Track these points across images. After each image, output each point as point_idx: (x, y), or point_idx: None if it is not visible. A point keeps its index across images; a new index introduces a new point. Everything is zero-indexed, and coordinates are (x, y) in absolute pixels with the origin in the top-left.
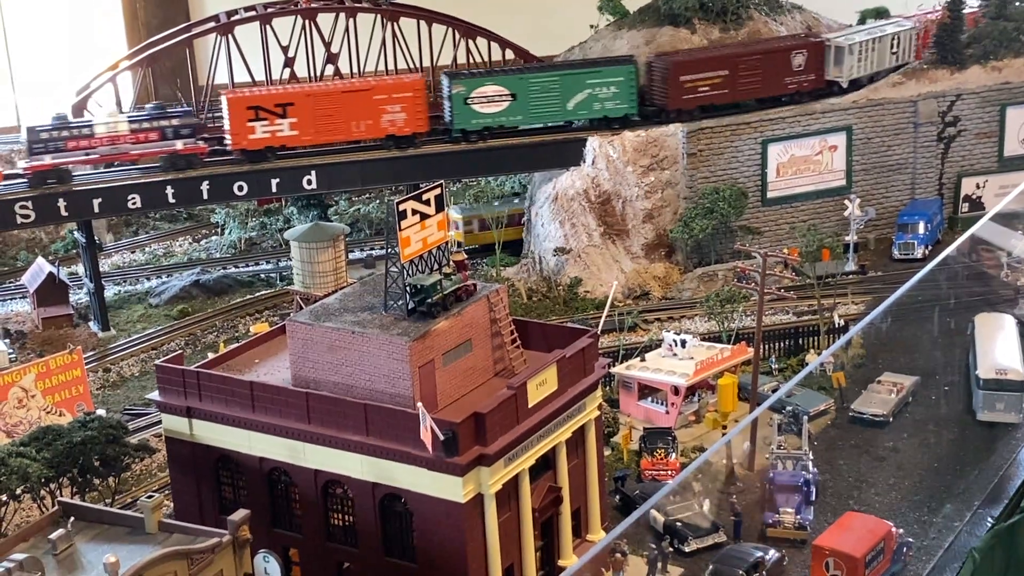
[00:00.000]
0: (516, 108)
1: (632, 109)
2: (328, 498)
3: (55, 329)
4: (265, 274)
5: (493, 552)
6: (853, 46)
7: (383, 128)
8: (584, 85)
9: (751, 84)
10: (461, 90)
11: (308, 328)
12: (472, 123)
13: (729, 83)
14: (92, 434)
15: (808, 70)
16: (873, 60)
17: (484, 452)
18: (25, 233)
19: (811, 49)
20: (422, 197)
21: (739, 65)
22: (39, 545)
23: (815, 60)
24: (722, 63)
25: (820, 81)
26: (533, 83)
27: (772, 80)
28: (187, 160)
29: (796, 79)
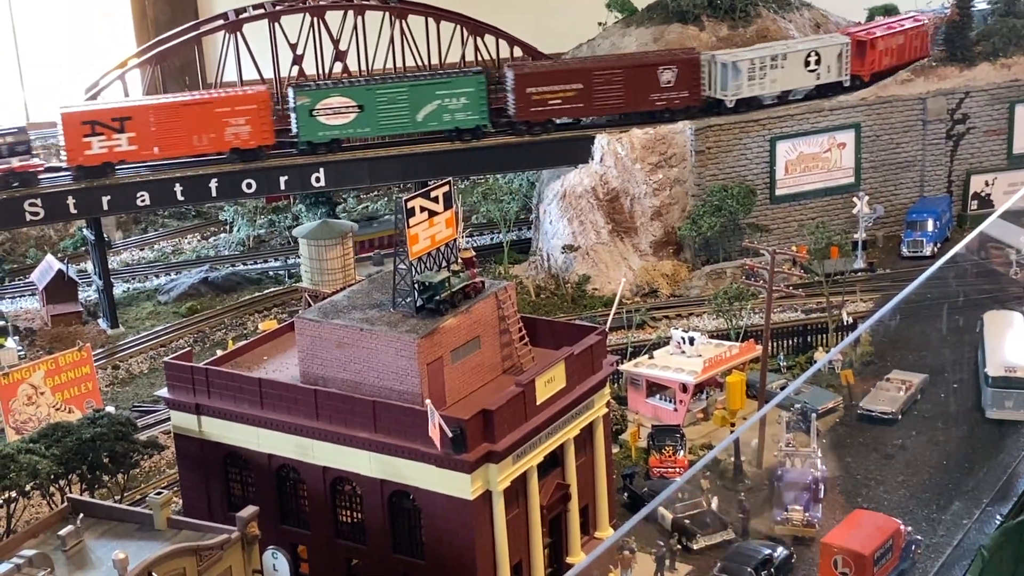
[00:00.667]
0: (363, 120)
1: (483, 120)
2: (336, 495)
3: (64, 326)
4: (273, 272)
5: (501, 549)
6: (741, 63)
7: (227, 141)
8: (433, 96)
9: (610, 99)
10: (306, 102)
11: (317, 325)
12: (319, 135)
13: (584, 97)
14: (101, 431)
15: (679, 86)
16: (776, 78)
17: (492, 449)
18: (34, 230)
19: (681, 65)
20: (430, 194)
21: (595, 79)
22: (48, 541)
23: (687, 76)
24: (575, 76)
25: (695, 98)
26: (381, 94)
27: (636, 95)
28: (23, 178)
29: (665, 95)
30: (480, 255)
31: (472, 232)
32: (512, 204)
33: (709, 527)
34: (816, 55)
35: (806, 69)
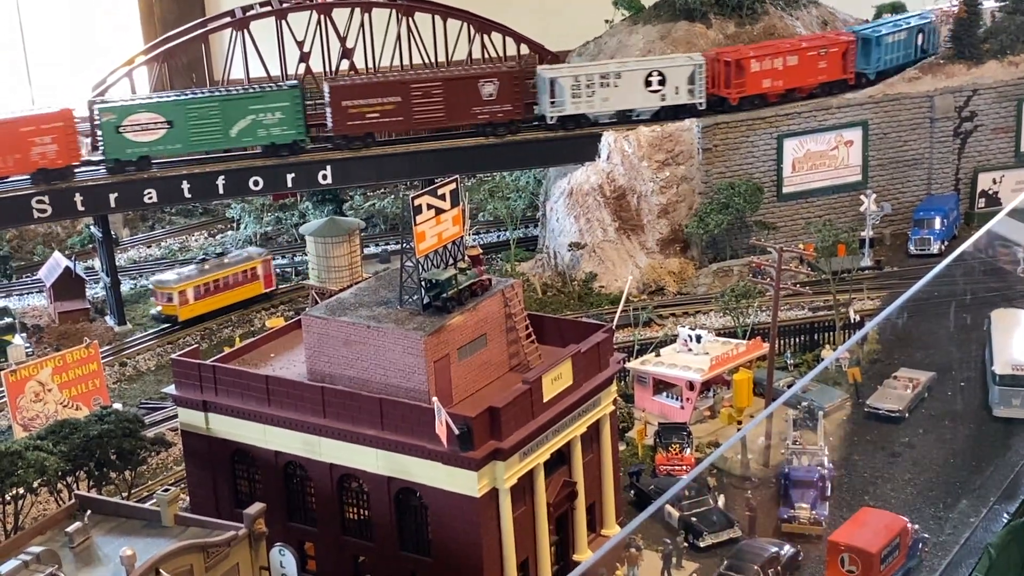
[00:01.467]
0: (174, 136)
1: (300, 134)
2: (343, 492)
3: (71, 323)
4: (280, 269)
5: (508, 546)
6: (563, 80)
7: (33, 162)
8: (247, 111)
9: (431, 112)
10: (111, 118)
11: (324, 322)
12: (127, 152)
13: (403, 110)
14: (109, 428)
15: (501, 100)
16: (608, 97)
17: (499, 446)
18: (42, 228)
19: (503, 79)
20: (437, 192)
21: (413, 92)
22: (56, 538)
23: (509, 90)
24: (393, 90)
25: (519, 112)
26: (192, 110)
27: (457, 109)
28: None
29: (487, 109)
30: (486, 253)
31: (479, 230)
32: (519, 202)
33: (716, 525)
34: (660, 75)
35: (647, 89)
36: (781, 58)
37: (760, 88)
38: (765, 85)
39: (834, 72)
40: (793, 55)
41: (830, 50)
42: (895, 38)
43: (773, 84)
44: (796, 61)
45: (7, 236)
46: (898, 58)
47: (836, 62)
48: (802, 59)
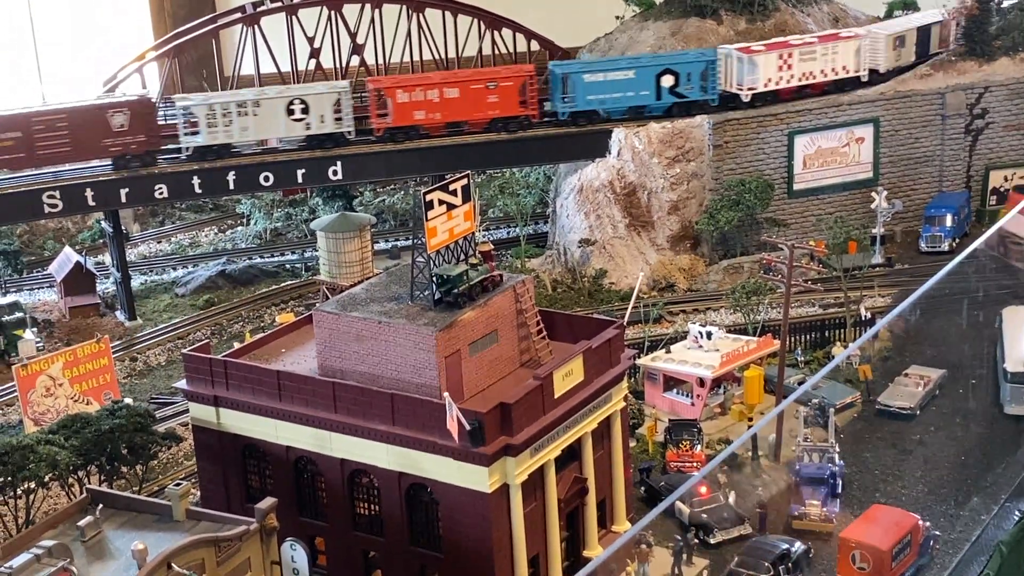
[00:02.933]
0: None
1: None
2: (354, 487)
3: (82, 318)
4: (290, 264)
5: (519, 542)
6: (198, 109)
7: None
8: None
9: (56, 146)
10: None
11: (335, 318)
12: None
13: (25, 145)
14: (120, 422)
15: (134, 131)
16: (248, 126)
17: (510, 442)
18: (52, 222)
19: (134, 108)
20: (448, 187)
21: (35, 126)
22: (67, 532)
23: (141, 121)
24: (11, 125)
25: (152, 143)
26: None
27: (85, 142)
28: None
29: (119, 141)
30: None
31: (488, 226)
32: (529, 198)
33: (726, 522)
34: (303, 103)
35: (290, 118)
36: (436, 90)
37: (411, 120)
38: (417, 117)
39: (508, 107)
40: (453, 87)
41: (502, 84)
42: (609, 76)
43: (428, 117)
44: (457, 94)
45: (17, 231)
46: (620, 99)
47: (511, 97)
48: (465, 92)
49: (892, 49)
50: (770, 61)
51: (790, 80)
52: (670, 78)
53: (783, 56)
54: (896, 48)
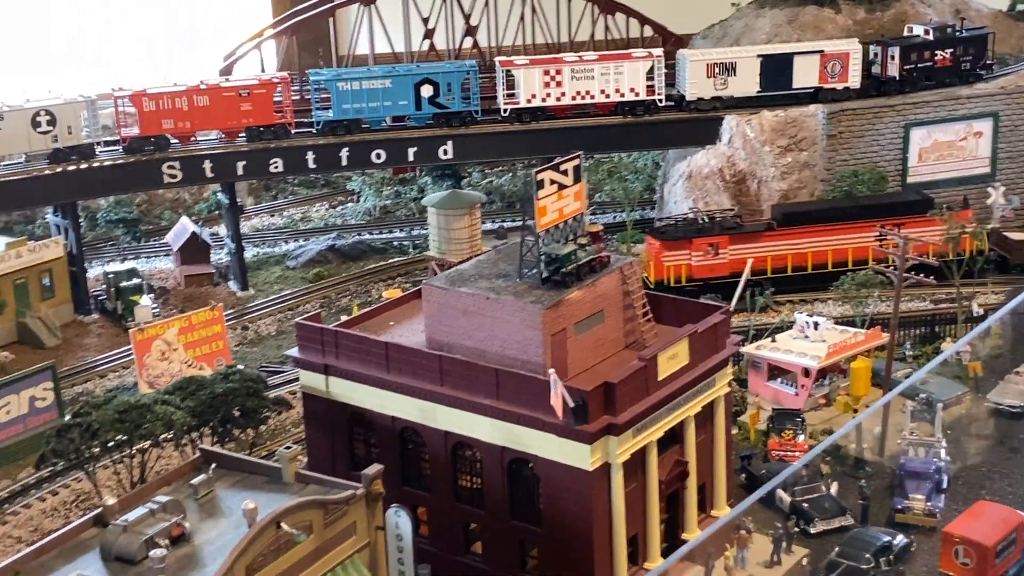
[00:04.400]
0: None
1: None
2: (457, 459)
3: (196, 287)
4: (398, 242)
5: (618, 521)
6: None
7: None
8: None
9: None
10: None
11: (443, 292)
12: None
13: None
14: (233, 386)
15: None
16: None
17: (613, 421)
18: (170, 193)
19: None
20: (560, 167)
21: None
22: (181, 490)
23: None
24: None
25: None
26: None
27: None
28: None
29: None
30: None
31: (595, 210)
32: (636, 183)
33: (828, 512)
34: (49, 115)
35: (36, 131)
36: (186, 98)
37: (160, 129)
38: (166, 126)
39: (262, 116)
40: (203, 96)
41: (254, 92)
42: (365, 85)
43: (178, 126)
44: (207, 102)
45: (137, 200)
46: (378, 109)
47: (264, 105)
48: (216, 100)
49: (709, 77)
50: (532, 77)
51: (560, 98)
52: (429, 88)
53: (549, 72)
54: (717, 76)
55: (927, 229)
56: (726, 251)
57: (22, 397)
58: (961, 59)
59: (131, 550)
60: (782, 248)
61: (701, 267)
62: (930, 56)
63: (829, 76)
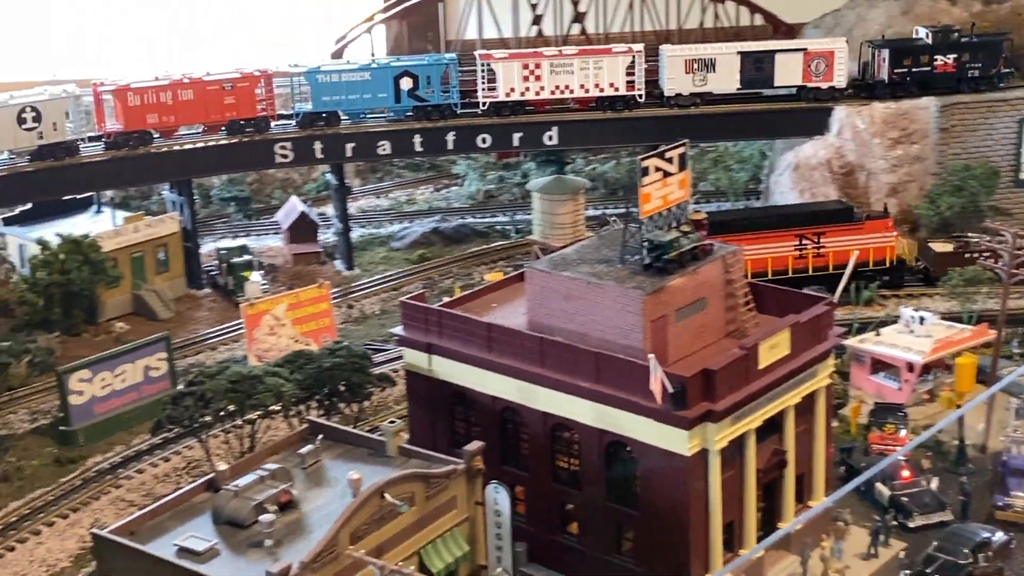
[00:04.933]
0: None
1: None
2: (555, 441)
3: (304, 265)
4: (501, 226)
5: (715, 507)
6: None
7: None
8: None
9: None
10: None
11: (546, 276)
12: None
13: None
14: (340, 361)
15: None
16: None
17: (712, 408)
18: (280, 173)
19: None
20: (665, 155)
21: None
22: (289, 459)
23: None
24: None
25: None
26: None
27: None
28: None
29: None
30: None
31: (699, 199)
32: (742, 173)
33: (927, 507)
34: (35, 111)
35: (21, 127)
36: (170, 92)
37: (144, 124)
38: (150, 121)
39: (246, 109)
40: (188, 90)
41: (238, 85)
42: (344, 78)
43: (162, 120)
44: (191, 96)
45: (248, 179)
46: (357, 101)
47: (247, 99)
48: (200, 94)
49: (688, 73)
50: (511, 70)
51: (539, 92)
52: (409, 81)
53: (528, 67)
54: (695, 72)
55: (848, 238)
56: None
57: (137, 366)
58: (968, 65)
59: (241, 515)
60: None
61: None
62: (928, 61)
63: (813, 75)
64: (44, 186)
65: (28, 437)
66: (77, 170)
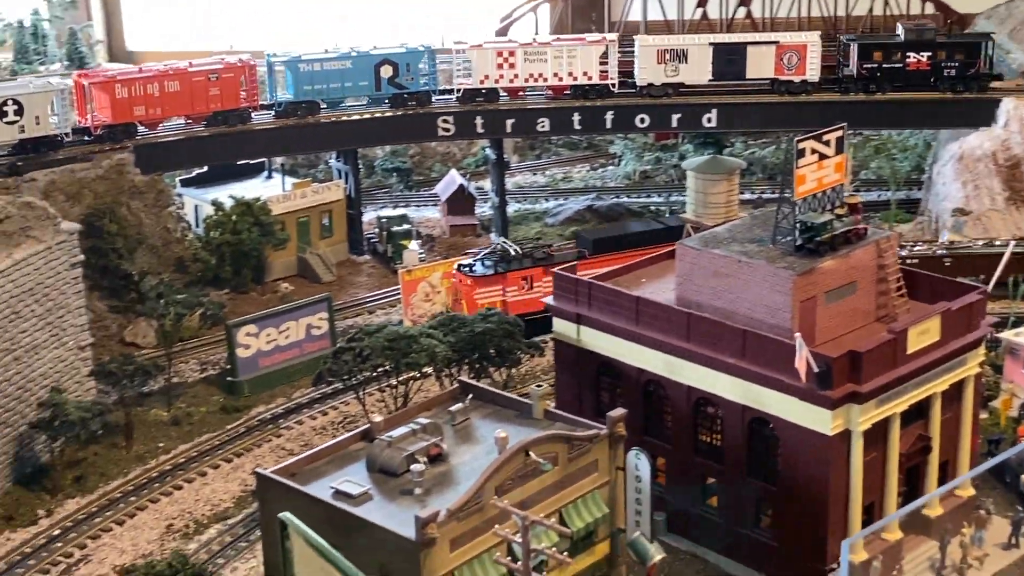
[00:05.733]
0: None
1: None
2: (698, 415)
3: (460, 236)
4: (655, 206)
5: (855, 488)
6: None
7: None
8: None
9: None
10: None
11: (696, 253)
12: None
13: None
14: (491, 327)
15: None
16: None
17: (857, 390)
18: (440, 147)
19: None
20: (822, 138)
21: None
22: (440, 415)
23: None
24: None
25: None
26: None
27: None
28: None
29: None
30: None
31: (859, 187)
32: (904, 162)
33: None
34: (16, 104)
35: (2, 121)
36: (157, 84)
37: (131, 116)
38: (137, 113)
39: (230, 100)
40: (174, 80)
41: (223, 76)
42: (326, 66)
43: (149, 112)
44: (178, 87)
45: (410, 152)
46: (339, 90)
47: (232, 89)
48: (187, 85)
49: (660, 63)
50: (485, 58)
51: (513, 80)
52: (389, 69)
53: (503, 54)
54: (667, 62)
55: None
56: (540, 283)
57: (300, 324)
58: (944, 64)
59: (394, 464)
60: None
61: (517, 302)
62: (900, 58)
63: (785, 68)
64: (218, 151)
65: (198, 385)
66: (251, 136)
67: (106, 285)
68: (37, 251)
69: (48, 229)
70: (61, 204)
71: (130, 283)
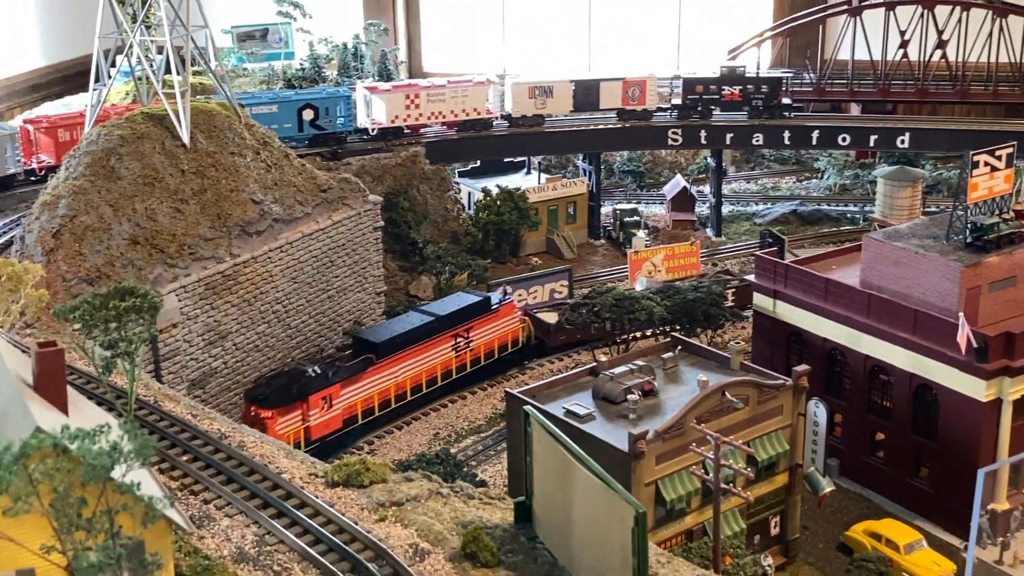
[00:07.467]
0: None
1: None
2: (872, 379)
3: (680, 229)
4: (851, 215)
5: (1003, 449)
6: None
7: None
8: None
9: None
10: None
11: (880, 244)
12: None
13: None
14: (701, 296)
15: None
16: None
17: (1010, 365)
18: (669, 155)
19: None
20: (995, 152)
21: None
22: (654, 361)
23: None
24: None
25: None
26: None
27: None
28: None
29: None
30: None
31: None
32: None
33: None
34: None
35: None
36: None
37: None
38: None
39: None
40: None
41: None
42: (255, 110)
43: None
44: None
45: (644, 158)
46: None
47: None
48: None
49: (531, 98)
50: (395, 100)
51: (419, 118)
52: (310, 112)
53: (410, 96)
54: (537, 97)
55: (494, 324)
56: (339, 400)
57: (545, 288)
58: (752, 96)
59: (614, 394)
60: (385, 380)
61: (319, 425)
62: (716, 90)
63: (630, 99)
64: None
65: None
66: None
67: (397, 249)
68: (350, 215)
69: (359, 199)
70: (368, 183)
71: (415, 248)
